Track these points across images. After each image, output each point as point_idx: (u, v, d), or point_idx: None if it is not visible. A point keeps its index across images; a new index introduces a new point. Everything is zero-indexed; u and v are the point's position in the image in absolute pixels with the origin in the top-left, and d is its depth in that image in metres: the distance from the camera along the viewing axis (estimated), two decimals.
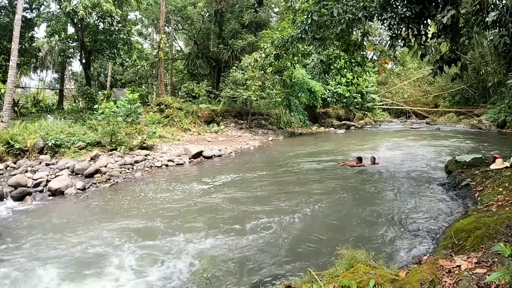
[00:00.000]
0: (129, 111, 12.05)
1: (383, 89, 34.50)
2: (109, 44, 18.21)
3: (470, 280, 2.53)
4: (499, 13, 5.39)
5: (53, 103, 22.88)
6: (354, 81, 11.99)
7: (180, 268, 4.10)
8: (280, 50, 8.88)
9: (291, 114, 21.89)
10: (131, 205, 6.79)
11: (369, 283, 2.52)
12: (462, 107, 27.73)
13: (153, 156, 11.37)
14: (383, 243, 4.55)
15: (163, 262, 4.24)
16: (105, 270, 4.13)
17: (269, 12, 24.72)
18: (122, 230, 5.37)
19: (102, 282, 3.87)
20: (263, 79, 19.43)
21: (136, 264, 4.24)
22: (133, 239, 4.96)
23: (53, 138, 10.32)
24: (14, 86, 14.22)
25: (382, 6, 6.74)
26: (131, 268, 4.14)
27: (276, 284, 3.17)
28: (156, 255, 4.45)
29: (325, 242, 4.67)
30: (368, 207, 6.08)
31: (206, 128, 18.09)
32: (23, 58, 18.88)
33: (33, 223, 5.88)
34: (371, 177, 8.47)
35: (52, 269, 4.15)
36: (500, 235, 3.29)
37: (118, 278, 3.94)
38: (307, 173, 9.52)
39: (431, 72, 7.12)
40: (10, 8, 16.87)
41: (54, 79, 34.93)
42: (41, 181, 7.96)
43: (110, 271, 4.09)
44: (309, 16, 7.49)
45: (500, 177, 5.80)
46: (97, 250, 4.64)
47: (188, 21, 24.94)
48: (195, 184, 8.30)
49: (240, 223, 5.48)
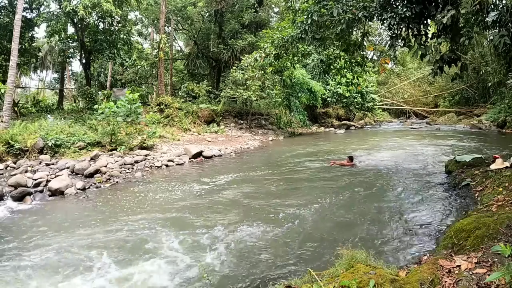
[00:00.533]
0: (129, 111, 12.05)
1: (383, 89, 34.48)
2: (109, 44, 18.21)
3: (470, 280, 2.53)
4: (499, 13, 5.38)
5: (53, 103, 22.88)
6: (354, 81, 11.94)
7: (180, 267, 4.10)
8: (280, 50, 8.88)
9: (291, 114, 21.89)
10: (131, 205, 6.79)
11: (369, 283, 2.52)
12: (462, 107, 27.73)
13: (153, 156, 11.37)
14: (383, 243, 4.55)
15: (163, 262, 4.24)
16: (106, 269, 4.13)
17: (269, 12, 24.73)
18: (122, 230, 5.37)
19: (102, 282, 3.88)
20: (263, 79, 19.43)
21: (136, 264, 4.24)
22: (133, 239, 4.96)
23: (53, 138, 10.32)
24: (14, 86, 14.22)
25: (382, 6, 6.74)
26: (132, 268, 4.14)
27: (276, 284, 3.17)
28: (156, 255, 4.44)
29: (325, 242, 4.67)
30: (368, 207, 6.09)
31: (206, 128, 18.09)
32: (23, 58, 18.86)
33: (33, 223, 5.88)
34: (371, 177, 8.46)
35: (52, 270, 4.15)
36: (500, 235, 3.29)
37: (118, 278, 3.94)
38: (306, 173, 9.52)
39: (431, 72, 7.11)
40: (10, 8, 16.86)
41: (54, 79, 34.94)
42: (41, 181, 7.96)
43: (111, 271, 4.09)
44: (309, 16, 7.48)
45: (500, 177, 5.79)
46: (97, 250, 4.64)
47: (188, 21, 24.94)
48: (194, 184, 8.30)
49: (238, 223, 5.47)
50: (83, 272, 4.08)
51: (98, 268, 4.16)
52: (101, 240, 4.98)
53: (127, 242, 4.90)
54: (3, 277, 4.01)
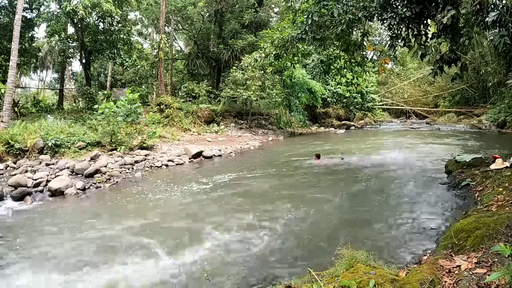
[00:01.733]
0: (129, 111, 12.05)
1: (383, 89, 34.47)
2: (109, 44, 18.22)
3: (470, 280, 2.53)
4: (499, 13, 5.38)
5: (53, 103, 22.89)
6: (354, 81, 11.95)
7: (180, 266, 4.10)
8: (280, 50, 8.88)
9: (291, 114, 21.89)
10: (131, 205, 6.79)
11: (369, 283, 2.52)
12: (462, 107, 27.72)
13: (153, 156, 11.38)
14: (383, 243, 4.55)
15: (163, 262, 4.24)
16: (105, 270, 4.13)
17: (269, 12, 24.72)
18: (122, 230, 5.37)
19: (101, 282, 3.88)
20: (263, 79, 19.43)
21: (135, 263, 4.24)
22: (133, 239, 4.96)
23: (53, 138, 10.32)
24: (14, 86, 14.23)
25: (382, 6, 6.74)
26: (131, 268, 4.14)
27: (276, 284, 3.17)
28: (156, 254, 4.45)
29: (325, 242, 4.67)
30: (368, 207, 6.09)
31: (206, 128, 18.09)
32: (23, 58, 18.88)
33: (33, 223, 5.88)
34: (371, 177, 8.47)
35: (51, 270, 4.15)
36: (500, 235, 3.29)
37: (118, 277, 3.94)
38: (306, 173, 9.52)
39: (431, 72, 7.11)
40: (10, 8, 16.88)
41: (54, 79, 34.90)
42: (41, 181, 7.96)
43: (110, 271, 4.09)
44: (309, 17, 7.48)
45: (500, 177, 5.79)
46: (97, 250, 4.64)
47: (188, 21, 24.94)
48: (194, 184, 8.30)
49: (238, 223, 5.48)
50: (83, 272, 4.08)
51: (98, 268, 4.16)
52: (101, 240, 4.98)
53: (127, 242, 4.90)
54: (3, 277, 4.01)
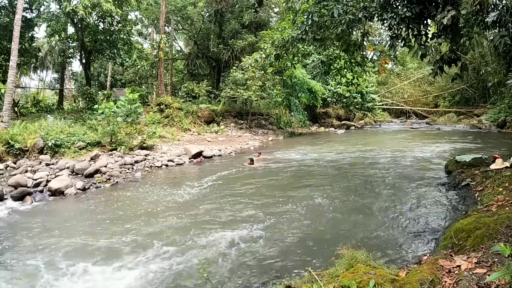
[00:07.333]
0: (129, 111, 12.05)
1: (383, 89, 34.48)
2: (109, 44, 18.22)
3: (470, 280, 2.53)
4: (499, 13, 5.38)
5: (53, 103, 22.87)
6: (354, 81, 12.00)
7: (180, 266, 4.10)
8: (280, 51, 8.89)
9: (291, 114, 21.89)
10: (131, 205, 6.79)
11: (369, 283, 2.52)
12: (462, 107, 27.73)
13: (153, 156, 11.38)
14: (383, 243, 4.55)
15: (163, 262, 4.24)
16: (106, 270, 4.13)
17: (269, 12, 24.72)
18: (122, 229, 5.37)
19: (101, 282, 3.88)
20: (263, 79, 19.42)
21: (135, 264, 4.24)
22: (133, 239, 4.96)
23: (53, 138, 10.32)
24: (14, 86, 14.23)
25: (382, 7, 6.74)
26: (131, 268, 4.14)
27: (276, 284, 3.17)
28: (155, 255, 4.45)
29: (325, 242, 4.67)
30: (368, 207, 6.09)
31: (206, 128, 18.09)
32: (23, 58, 18.87)
33: (33, 223, 5.88)
34: (370, 177, 8.47)
35: (51, 270, 4.15)
36: (500, 235, 3.29)
37: (118, 278, 3.94)
38: (305, 173, 9.52)
39: (431, 72, 7.12)
40: (10, 8, 16.87)
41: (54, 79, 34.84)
42: (41, 181, 7.96)
43: (111, 271, 4.09)
44: (310, 17, 7.48)
45: (500, 177, 5.80)
46: (98, 250, 4.64)
47: (188, 21, 24.94)
48: (194, 184, 8.29)
49: (238, 223, 5.48)
50: (82, 272, 4.09)
51: (98, 268, 4.16)
52: (101, 241, 4.98)
53: (127, 242, 4.90)
54: (2, 277, 4.01)
